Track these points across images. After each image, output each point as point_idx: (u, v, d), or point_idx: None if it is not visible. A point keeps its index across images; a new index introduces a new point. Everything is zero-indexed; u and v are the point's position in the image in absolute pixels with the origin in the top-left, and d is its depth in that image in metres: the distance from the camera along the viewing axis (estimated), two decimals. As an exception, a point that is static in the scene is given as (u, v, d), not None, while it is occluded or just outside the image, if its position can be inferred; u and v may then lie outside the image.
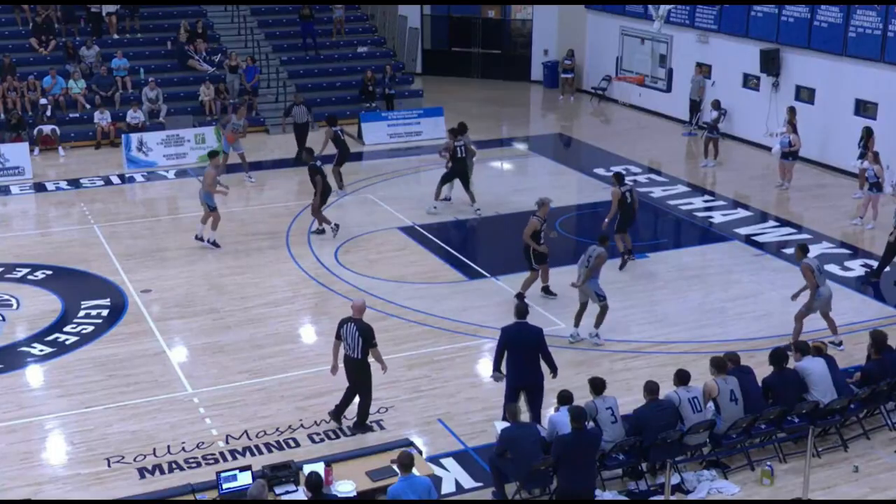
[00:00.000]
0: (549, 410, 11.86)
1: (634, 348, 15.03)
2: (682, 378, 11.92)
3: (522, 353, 12.28)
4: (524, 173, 25.34)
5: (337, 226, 19.53)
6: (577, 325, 15.19)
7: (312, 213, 19.53)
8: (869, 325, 15.26)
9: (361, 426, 12.75)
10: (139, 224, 20.63)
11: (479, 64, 35.77)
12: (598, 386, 11.67)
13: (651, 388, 11.70)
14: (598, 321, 15.07)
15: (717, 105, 25.25)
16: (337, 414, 12.81)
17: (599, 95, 32.00)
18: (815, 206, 21.61)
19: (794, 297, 15.13)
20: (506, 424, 11.21)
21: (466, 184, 20.85)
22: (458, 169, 20.71)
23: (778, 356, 12.57)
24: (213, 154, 19.42)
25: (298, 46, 31.04)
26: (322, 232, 19.56)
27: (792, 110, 23.13)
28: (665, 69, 29.61)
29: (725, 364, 12.25)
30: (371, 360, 12.55)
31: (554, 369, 12.46)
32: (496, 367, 12.47)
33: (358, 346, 12.33)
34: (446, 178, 20.97)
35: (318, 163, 19.57)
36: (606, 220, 18.14)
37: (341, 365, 12.55)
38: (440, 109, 27.90)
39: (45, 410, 13.30)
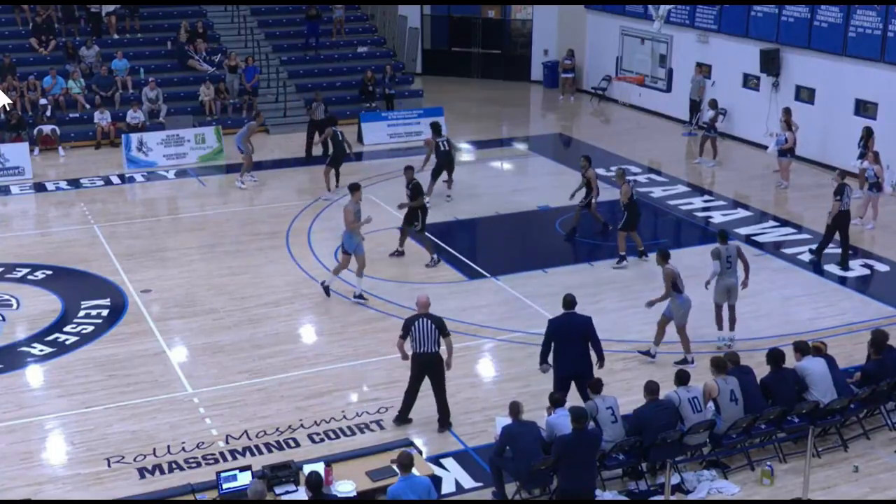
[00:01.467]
0: (542, 413, 11.84)
1: (634, 348, 15.02)
2: (681, 378, 11.92)
3: (571, 343, 12.46)
4: (524, 173, 25.34)
5: (438, 258, 18.28)
6: (721, 328, 15.20)
7: (404, 235, 18.55)
8: (869, 325, 15.27)
9: (447, 423, 12.73)
10: (139, 224, 20.63)
11: (479, 64, 35.77)
12: (596, 385, 11.68)
13: (651, 388, 11.71)
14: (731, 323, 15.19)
15: (714, 104, 25.27)
16: (403, 417, 12.83)
17: (599, 95, 32.00)
18: (815, 206, 21.58)
19: (651, 304, 14.86)
20: (507, 421, 11.21)
21: (450, 173, 22.07)
22: (443, 162, 21.70)
23: (774, 356, 12.57)
24: (354, 188, 16.60)
25: (298, 46, 31.04)
26: (401, 255, 18.54)
27: (787, 111, 23.19)
28: (665, 69, 29.61)
29: (725, 364, 12.25)
30: None
31: (601, 358, 12.62)
32: (543, 360, 12.62)
33: (435, 338, 12.37)
34: (436, 174, 21.68)
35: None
36: (593, 200, 19.29)
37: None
38: (440, 109, 27.88)
39: (45, 410, 13.30)
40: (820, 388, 12.42)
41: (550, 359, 12.61)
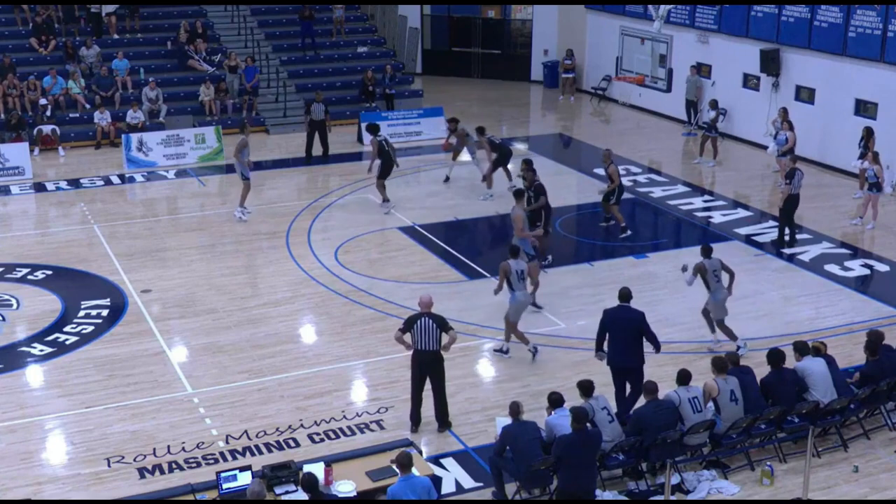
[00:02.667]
0: (542, 413, 11.83)
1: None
2: (682, 378, 11.92)
3: (623, 336, 12.63)
4: (524, 173, 25.32)
5: (547, 261, 17.88)
6: (734, 337, 14.86)
7: (540, 243, 17.18)
8: (869, 325, 15.26)
9: (446, 422, 12.76)
10: (139, 224, 20.63)
11: (479, 64, 35.77)
12: (587, 388, 11.67)
13: (650, 388, 11.72)
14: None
15: (714, 105, 25.29)
16: (416, 419, 12.79)
17: (599, 95, 32.00)
18: (815, 206, 21.59)
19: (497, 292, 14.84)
20: (507, 421, 11.22)
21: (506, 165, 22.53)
22: (505, 153, 22.20)
23: (774, 356, 12.56)
24: (519, 194, 16.66)
25: (298, 46, 31.04)
26: (546, 264, 17.74)
27: (785, 110, 23.23)
28: (665, 69, 29.61)
29: (726, 364, 12.24)
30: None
31: (657, 347, 12.81)
32: (598, 348, 12.83)
33: (436, 337, 12.40)
34: (495, 167, 22.15)
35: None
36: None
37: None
38: (440, 109, 27.90)
39: (45, 410, 13.30)
40: (820, 388, 12.42)
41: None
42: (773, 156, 23.24)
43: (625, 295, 12.96)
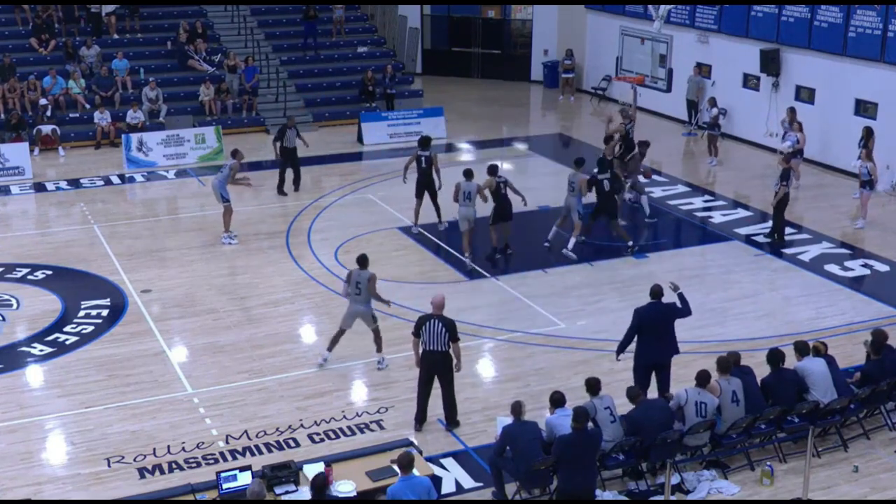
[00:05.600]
0: (545, 413, 11.83)
1: (635, 348, 14.99)
2: (701, 379, 11.90)
3: (657, 333, 12.75)
4: (524, 173, 25.28)
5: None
6: (331, 349, 14.43)
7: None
8: (869, 325, 15.26)
9: (455, 421, 12.78)
10: (139, 224, 20.63)
11: (479, 64, 35.76)
12: (593, 386, 11.66)
13: (632, 394, 11.73)
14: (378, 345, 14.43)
15: (713, 103, 25.31)
16: (421, 419, 12.80)
17: (599, 95, 32.00)
18: (815, 206, 21.61)
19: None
20: (508, 420, 11.22)
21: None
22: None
23: (774, 356, 12.56)
24: (609, 140, 18.14)
25: (298, 46, 31.05)
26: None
27: (792, 111, 23.22)
28: (665, 69, 29.62)
29: (730, 365, 12.23)
30: None
31: (689, 311, 13.09)
32: (623, 349, 12.97)
33: (444, 340, 12.40)
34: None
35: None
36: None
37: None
38: (440, 109, 27.91)
39: (45, 410, 13.30)
40: (820, 388, 12.42)
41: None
42: (779, 157, 23.13)
43: (656, 292, 13.00)
